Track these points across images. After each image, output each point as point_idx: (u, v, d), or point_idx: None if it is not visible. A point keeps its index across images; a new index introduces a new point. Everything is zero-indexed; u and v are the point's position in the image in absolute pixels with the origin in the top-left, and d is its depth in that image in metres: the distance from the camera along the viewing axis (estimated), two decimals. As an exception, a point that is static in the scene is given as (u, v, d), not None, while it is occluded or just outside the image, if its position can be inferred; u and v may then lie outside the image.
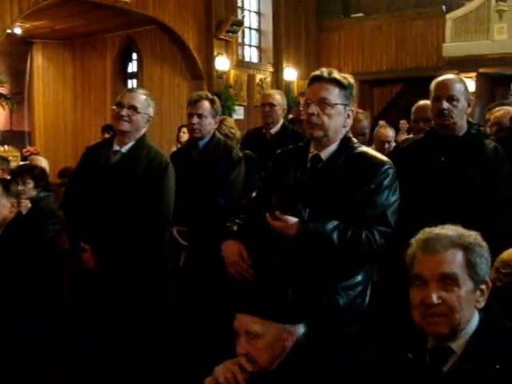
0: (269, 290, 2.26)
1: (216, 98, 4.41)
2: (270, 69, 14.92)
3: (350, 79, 2.75)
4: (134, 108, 3.67)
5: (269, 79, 14.78)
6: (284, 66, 14.95)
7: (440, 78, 3.44)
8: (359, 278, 2.70)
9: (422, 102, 4.44)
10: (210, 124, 4.27)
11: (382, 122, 12.27)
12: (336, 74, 2.69)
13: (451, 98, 3.30)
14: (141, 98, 3.74)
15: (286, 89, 13.89)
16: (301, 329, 2.24)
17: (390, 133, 5.35)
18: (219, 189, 4.09)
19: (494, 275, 2.33)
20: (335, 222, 2.57)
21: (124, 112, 3.66)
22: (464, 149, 3.36)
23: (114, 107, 3.74)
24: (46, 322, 3.49)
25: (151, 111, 3.79)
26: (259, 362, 2.16)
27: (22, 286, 3.43)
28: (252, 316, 2.17)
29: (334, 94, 2.67)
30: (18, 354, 3.41)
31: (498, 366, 1.83)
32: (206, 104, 4.26)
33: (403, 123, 11.65)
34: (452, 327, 1.90)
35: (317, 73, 2.73)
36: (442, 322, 1.90)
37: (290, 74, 14.97)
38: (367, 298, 2.74)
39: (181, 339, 3.88)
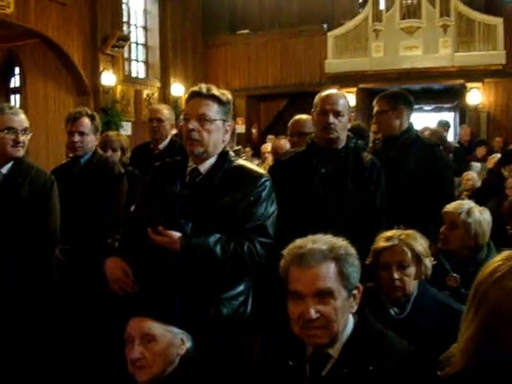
0: (157, 301, 2.28)
1: (96, 114, 4.31)
2: (158, 84, 14.88)
3: (228, 95, 2.80)
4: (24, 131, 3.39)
5: (156, 94, 14.73)
6: (171, 81, 14.98)
7: (325, 93, 3.51)
8: (241, 287, 2.76)
9: (297, 117, 4.55)
10: (91, 141, 4.18)
11: (271, 137, 12.66)
12: (215, 90, 2.73)
13: (337, 113, 3.39)
14: (22, 117, 3.42)
15: (173, 104, 13.84)
16: (190, 342, 2.26)
17: (286, 144, 5.52)
18: (101, 206, 3.99)
19: None
20: (217, 235, 2.60)
21: (21, 138, 3.36)
22: (343, 161, 3.47)
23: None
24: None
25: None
26: (153, 367, 2.16)
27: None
28: (149, 319, 2.19)
29: (212, 110, 2.70)
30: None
31: (371, 368, 1.92)
32: (87, 121, 4.15)
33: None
34: (331, 337, 1.98)
35: (195, 89, 2.76)
36: (321, 335, 1.96)
37: (178, 89, 14.99)
38: (249, 307, 2.79)
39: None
